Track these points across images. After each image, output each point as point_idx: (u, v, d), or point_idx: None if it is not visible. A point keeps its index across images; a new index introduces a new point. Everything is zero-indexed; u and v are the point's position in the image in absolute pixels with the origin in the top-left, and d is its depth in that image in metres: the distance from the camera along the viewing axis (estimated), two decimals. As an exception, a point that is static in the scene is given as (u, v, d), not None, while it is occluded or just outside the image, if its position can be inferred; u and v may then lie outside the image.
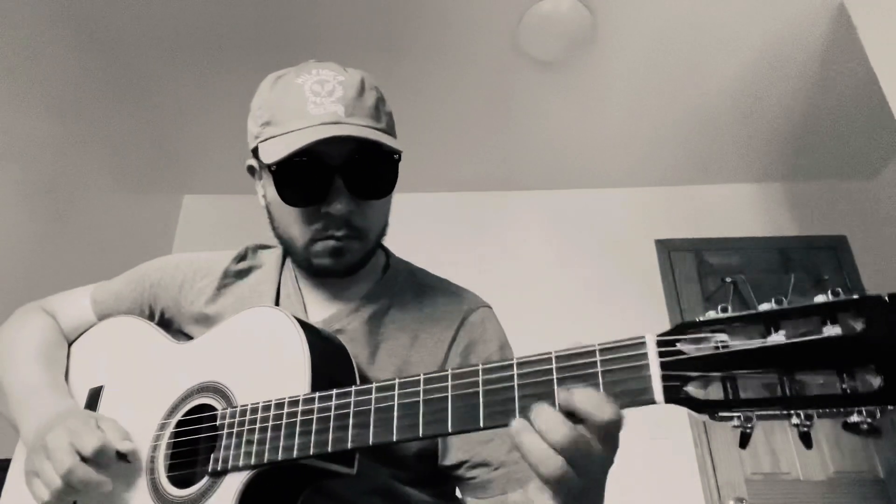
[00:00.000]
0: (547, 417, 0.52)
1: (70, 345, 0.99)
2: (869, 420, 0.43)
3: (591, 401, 0.51)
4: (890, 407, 0.43)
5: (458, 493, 0.86)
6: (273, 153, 0.78)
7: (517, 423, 0.54)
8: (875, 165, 3.20)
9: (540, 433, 0.52)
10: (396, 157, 0.82)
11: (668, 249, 3.16)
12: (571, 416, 0.52)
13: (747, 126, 2.94)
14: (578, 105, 2.82)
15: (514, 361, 0.57)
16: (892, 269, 2.90)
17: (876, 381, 0.43)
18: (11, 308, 1.04)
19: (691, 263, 3.12)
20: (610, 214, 3.29)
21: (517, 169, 3.24)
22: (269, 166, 0.79)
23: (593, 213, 3.30)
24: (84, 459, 0.71)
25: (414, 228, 3.15)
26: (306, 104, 0.79)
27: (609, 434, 0.52)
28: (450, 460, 0.80)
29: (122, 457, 0.75)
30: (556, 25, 2.35)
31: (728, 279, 2.99)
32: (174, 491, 0.74)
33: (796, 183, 3.31)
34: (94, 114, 2.68)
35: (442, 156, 3.15)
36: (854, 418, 0.44)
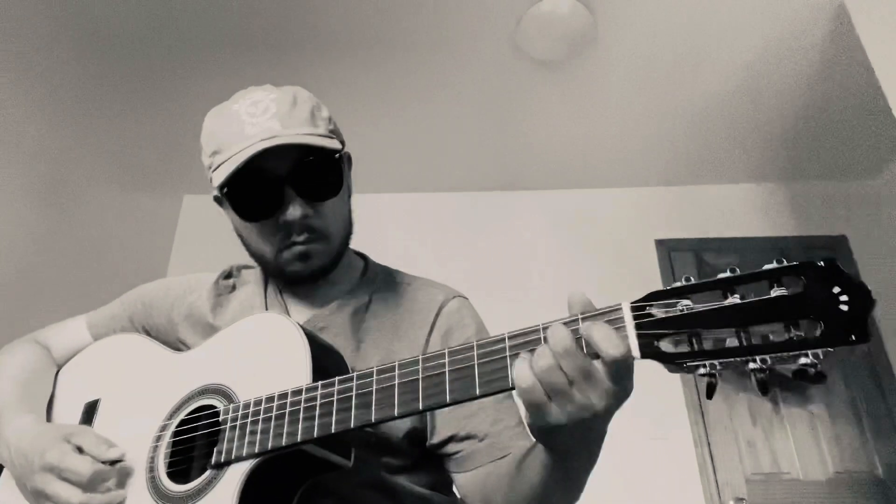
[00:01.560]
0: (556, 330, 0.58)
1: (61, 368, 0.99)
2: (815, 363, 0.51)
3: (608, 336, 0.55)
4: (830, 349, 0.50)
5: (450, 477, 0.88)
6: (220, 177, 0.83)
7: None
8: (875, 165, 3.20)
9: (547, 340, 0.58)
10: (337, 155, 0.87)
11: (668, 249, 3.16)
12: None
13: (747, 126, 2.94)
14: (578, 105, 2.82)
15: (506, 335, 0.62)
16: (892, 269, 2.90)
17: (817, 330, 0.51)
18: (12, 305, 1.04)
19: (691, 263, 3.12)
20: (610, 214, 3.29)
21: (517, 169, 3.25)
22: (220, 189, 0.84)
23: (593, 213, 3.30)
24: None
25: (413, 229, 3.16)
26: (243, 126, 0.83)
27: (620, 372, 0.56)
28: (437, 438, 0.84)
29: (113, 462, 0.76)
30: (556, 26, 2.35)
31: (728, 279, 2.99)
32: (174, 487, 0.74)
33: (796, 183, 3.31)
34: (95, 114, 2.69)
35: (442, 156, 3.15)
36: (802, 361, 0.51)
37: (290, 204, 0.83)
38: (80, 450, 0.77)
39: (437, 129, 2.97)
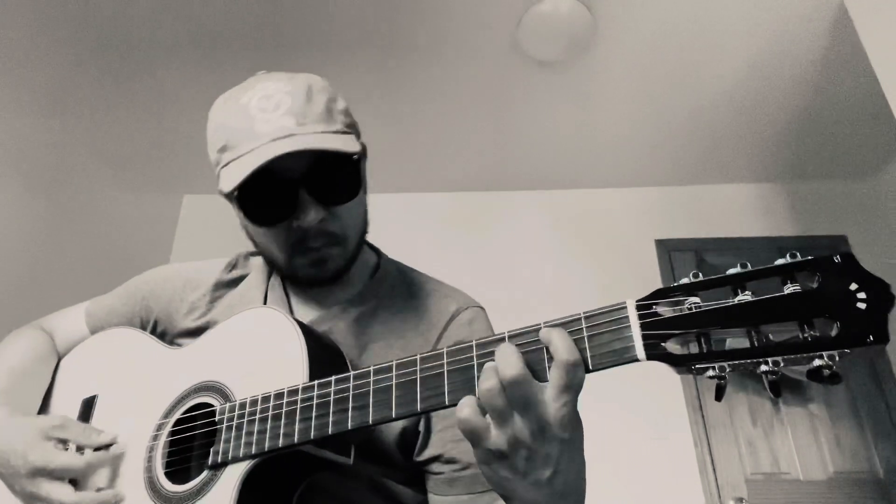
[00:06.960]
0: (504, 350, 0.57)
1: (61, 359, 0.98)
2: (830, 364, 0.48)
3: (566, 342, 0.55)
4: (847, 350, 0.47)
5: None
6: (230, 180, 0.75)
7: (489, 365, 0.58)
8: (875, 165, 3.20)
9: (495, 361, 0.57)
10: (355, 157, 0.79)
11: (668, 249, 3.16)
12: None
13: (747, 126, 2.94)
14: (578, 105, 2.82)
15: (507, 334, 0.60)
16: (892, 268, 2.90)
17: (833, 330, 0.48)
18: (11, 305, 1.04)
19: (691, 263, 3.12)
20: (610, 214, 3.29)
21: (517, 169, 3.24)
22: (230, 194, 0.77)
23: (593, 213, 3.30)
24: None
25: (413, 229, 3.15)
26: (254, 123, 0.76)
27: (567, 388, 0.55)
28: (425, 455, 0.80)
29: (105, 447, 0.75)
30: (556, 26, 2.35)
31: (728, 279, 2.99)
32: (172, 487, 0.74)
33: (796, 183, 3.31)
34: (94, 114, 2.69)
35: (441, 156, 3.15)
36: (816, 363, 0.48)
37: (306, 209, 0.77)
38: (63, 443, 0.75)
39: (437, 129, 2.97)
